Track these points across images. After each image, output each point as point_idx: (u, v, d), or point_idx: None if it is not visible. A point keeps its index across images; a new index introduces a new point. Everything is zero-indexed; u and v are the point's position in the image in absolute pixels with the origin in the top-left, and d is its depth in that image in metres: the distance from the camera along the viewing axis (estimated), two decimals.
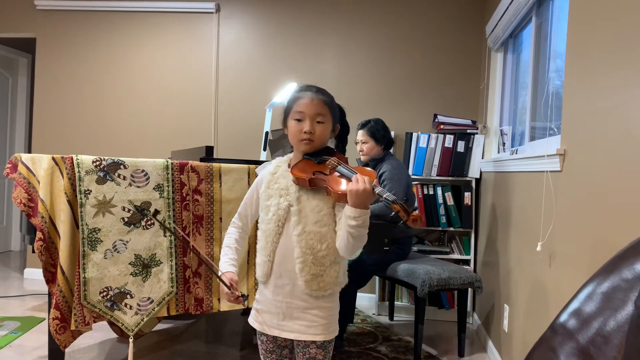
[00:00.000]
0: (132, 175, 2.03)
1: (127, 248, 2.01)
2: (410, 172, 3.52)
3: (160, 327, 3.13)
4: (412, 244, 3.21)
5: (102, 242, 1.98)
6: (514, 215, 2.52)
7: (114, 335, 2.84)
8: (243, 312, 3.43)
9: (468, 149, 3.51)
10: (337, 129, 1.47)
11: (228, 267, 1.42)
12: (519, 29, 3.11)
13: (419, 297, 2.61)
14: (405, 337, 3.12)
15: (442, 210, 3.49)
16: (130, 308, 2.02)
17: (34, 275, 4.22)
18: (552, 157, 1.85)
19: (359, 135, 2.96)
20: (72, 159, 1.97)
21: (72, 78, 4.24)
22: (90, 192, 1.97)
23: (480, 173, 3.50)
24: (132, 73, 4.20)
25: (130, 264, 2.02)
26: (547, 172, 1.93)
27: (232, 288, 1.34)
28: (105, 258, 1.98)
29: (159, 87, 4.16)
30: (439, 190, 3.49)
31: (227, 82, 4.10)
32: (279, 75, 3.95)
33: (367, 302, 3.83)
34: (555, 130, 2.13)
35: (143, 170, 2.05)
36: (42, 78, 4.27)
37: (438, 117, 3.61)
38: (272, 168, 1.46)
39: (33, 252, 2.01)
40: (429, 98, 3.83)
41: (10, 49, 5.21)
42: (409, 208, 1.19)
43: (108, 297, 1.99)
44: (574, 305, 0.95)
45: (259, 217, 1.45)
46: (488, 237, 3.20)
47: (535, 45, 2.69)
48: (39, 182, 1.99)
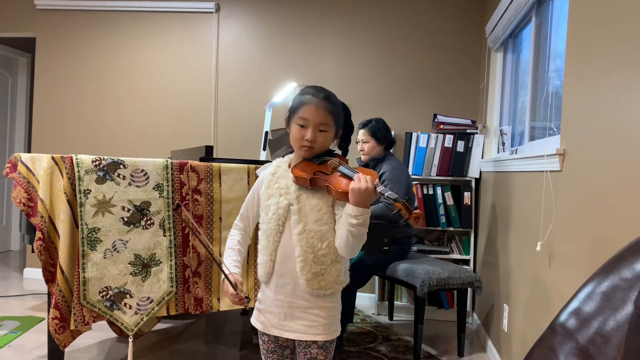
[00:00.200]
0: (131, 175, 2.03)
1: (126, 248, 2.01)
2: (410, 172, 3.52)
3: (160, 326, 3.13)
4: (411, 244, 3.21)
5: (101, 241, 1.98)
6: (514, 215, 2.52)
7: (114, 335, 2.84)
8: (242, 312, 3.43)
9: (468, 149, 3.51)
10: (339, 134, 1.47)
11: (232, 268, 1.42)
12: (519, 29, 3.11)
13: (419, 296, 2.61)
14: (405, 336, 3.12)
15: (441, 210, 3.49)
16: (130, 308, 2.02)
17: (34, 275, 4.22)
18: (551, 157, 1.85)
19: (360, 135, 2.96)
20: (71, 159, 1.97)
21: (72, 78, 4.24)
22: (90, 191, 1.97)
23: (480, 173, 3.50)
24: (132, 73, 4.20)
25: (130, 264, 2.02)
26: (546, 172, 1.93)
27: (237, 289, 1.34)
28: (105, 258, 1.98)
29: (159, 86, 4.16)
30: (439, 190, 3.49)
31: (226, 82, 4.10)
32: (279, 75, 3.95)
33: (366, 301, 3.82)
34: (555, 130, 2.13)
35: (143, 170, 2.05)
36: (41, 78, 4.27)
37: (438, 117, 3.61)
38: (272, 168, 1.47)
39: (32, 251, 2.01)
40: (429, 98, 3.83)
41: (10, 49, 5.21)
42: (411, 207, 1.19)
43: (107, 296, 1.99)
44: (574, 305, 0.95)
45: (260, 217, 1.46)
46: (488, 237, 3.20)
47: (535, 45, 2.69)
48: (39, 181, 1.99)
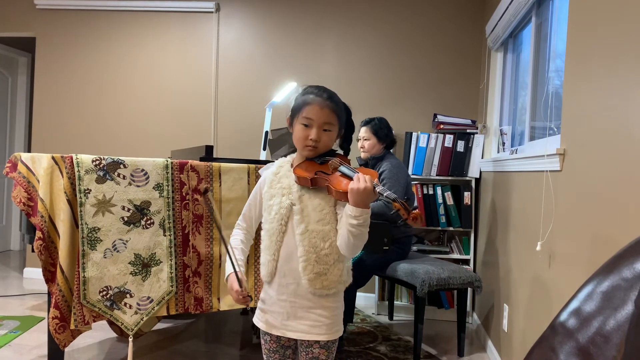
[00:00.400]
0: (131, 175, 2.03)
1: (126, 247, 2.01)
2: (410, 171, 3.52)
3: (160, 326, 3.13)
4: (411, 244, 3.21)
5: (101, 241, 1.98)
6: (514, 215, 2.52)
7: (114, 335, 2.84)
8: (242, 311, 3.43)
9: (468, 149, 3.51)
10: (341, 134, 1.47)
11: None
12: (519, 29, 3.11)
13: (419, 296, 2.61)
14: (405, 336, 3.12)
15: (441, 210, 3.49)
16: (130, 307, 2.02)
17: (34, 275, 4.22)
18: (551, 156, 1.85)
19: (362, 132, 2.97)
20: (71, 158, 1.96)
21: (72, 77, 4.24)
22: (90, 191, 1.97)
23: (480, 173, 3.50)
24: (132, 72, 4.20)
25: (130, 263, 2.02)
26: (546, 171, 1.93)
27: (242, 286, 1.34)
28: (105, 257, 1.98)
29: (159, 86, 4.16)
30: (439, 190, 3.49)
31: (226, 81, 4.09)
32: (279, 75, 3.95)
33: (366, 301, 3.83)
34: (555, 130, 2.13)
35: (143, 170, 2.05)
36: (41, 77, 4.27)
37: (438, 116, 3.61)
38: (274, 168, 1.47)
39: (32, 251, 2.01)
40: (429, 98, 3.83)
41: (10, 48, 5.20)
42: (409, 206, 1.20)
43: (107, 296, 1.99)
44: (574, 305, 0.95)
45: (263, 217, 1.46)
46: (488, 236, 3.20)
47: (535, 45, 2.69)
48: (39, 181, 1.99)
